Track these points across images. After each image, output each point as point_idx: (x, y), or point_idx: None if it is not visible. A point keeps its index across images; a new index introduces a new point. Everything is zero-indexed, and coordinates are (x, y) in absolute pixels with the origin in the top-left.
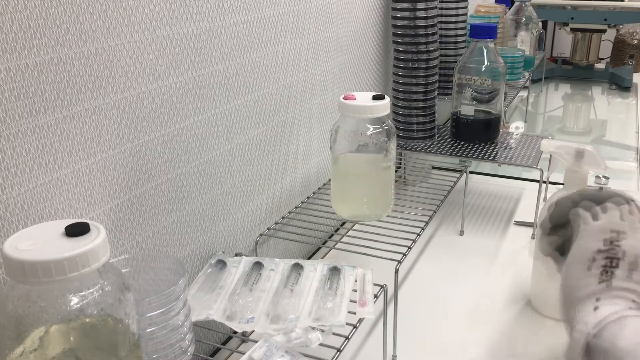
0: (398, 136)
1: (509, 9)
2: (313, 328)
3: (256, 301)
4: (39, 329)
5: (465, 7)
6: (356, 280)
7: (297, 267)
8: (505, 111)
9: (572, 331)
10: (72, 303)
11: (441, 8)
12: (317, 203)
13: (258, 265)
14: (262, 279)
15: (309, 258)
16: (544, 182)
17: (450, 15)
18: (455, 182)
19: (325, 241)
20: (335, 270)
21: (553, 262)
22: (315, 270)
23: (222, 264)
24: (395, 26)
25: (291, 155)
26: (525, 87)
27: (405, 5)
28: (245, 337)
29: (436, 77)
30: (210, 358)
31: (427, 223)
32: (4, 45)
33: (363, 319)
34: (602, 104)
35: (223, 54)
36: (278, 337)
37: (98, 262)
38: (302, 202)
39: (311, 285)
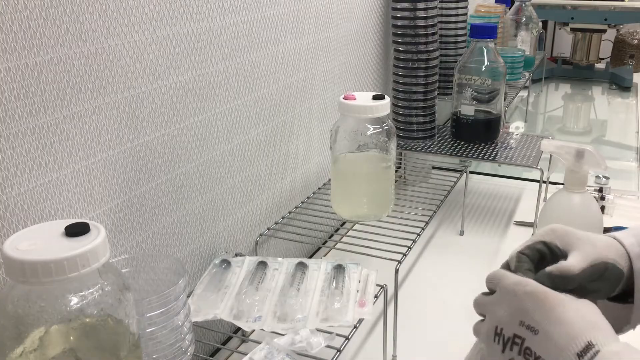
0: (398, 136)
1: (509, 9)
2: (318, 330)
3: (262, 300)
4: (39, 329)
5: (465, 7)
6: (359, 281)
7: (302, 266)
8: (505, 111)
9: None
10: (72, 303)
11: (441, 8)
12: (317, 203)
13: (262, 264)
14: (267, 278)
15: (309, 258)
16: (544, 182)
17: (450, 15)
18: (455, 182)
19: (325, 241)
20: (339, 269)
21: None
22: (319, 269)
23: (226, 263)
24: (395, 26)
25: (291, 155)
26: (525, 87)
27: (405, 5)
28: (245, 338)
29: (436, 77)
30: (210, 358)
31: (427, 223)
32: (4, 45)
33: (363, 319)
34: (602, 104)
35: (223, 54)
36: (280, 340)
37: (98, 262)
38: (302, 202)
39: (316, 285)
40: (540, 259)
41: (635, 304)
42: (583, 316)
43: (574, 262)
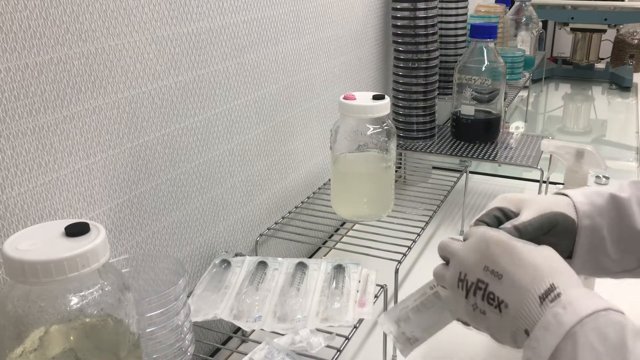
0: (398, 136)
1: (509, 9)
2: (318, 330)
3: (262, 300)
4: (39, 329)
5: (465, 7)
6: (359, 281)
7: (302, 266)
8: (505, 111)
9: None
10: (72, 303)
11: (441, 8)
12: (317, 203)
13: (262, 264)
14: (267, 278)
15: (309, 258)
16: (544, 182)
17: (450, 15)
18: (455, 182)
19: (326, 241)
20: (339, 269)
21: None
22: (319, 269)
23: (226, 263)
24: (395, 26)
25: (291, 155)
26: (525, 87)
27: (405, 5)
28: (245, 338)
29: (436, 77)
30: (210, 358)
31: (427, 223)
32: (4, 45)
33: (363, 319)
34: (602, 104)
35: (223, 54)
36: (280, 340)
37: (98, 262)
38: (302, 202)
39: (316, 285)
40: (498, 224)
41: (574, 258)
42: (547, 261)
43: (523, 216)
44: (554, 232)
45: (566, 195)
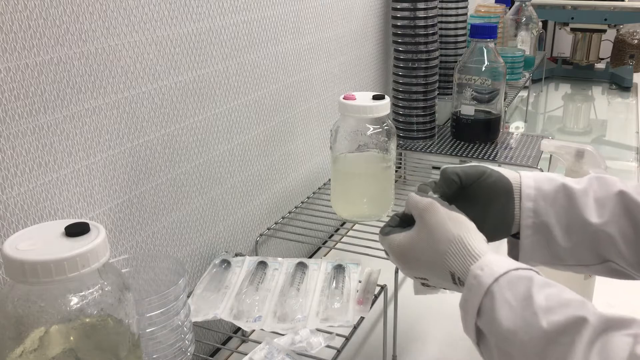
0: (398, 136)
1: (509, 9)
2: (318, 330)
3: (262, 300)
4: (39, 329)
5: (465, 7)
6: (360, 281)
7: (302, 266)
8: (505, 111)
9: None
10: (72, 303)
11: (441, 8)
12: (317, 203)
13: (262, 264)
14: (267, 278)
15: (309, 258)
16: None
17: (450, 15)
18: None
19: (325, 241)
20: (339, 269)
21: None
22: (319, 269)
23: (226, 263)
24: (395, 26)
25: (291, 155)
26: (525, 87)
27: (405, 5)
28: (245, 338)
29: (436, 77)
30: (210, 358)
31: None
32: (4, 45)
33: (363, 318)
34: (602, 104)
35: (223, 54)
36: (280, 340)
37: (98, 262)
38: (302, 202)
39: (316, 285)
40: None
41: (522, 240)
42: (439, 253)
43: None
44: (486, 183)
45: (519, 174)
